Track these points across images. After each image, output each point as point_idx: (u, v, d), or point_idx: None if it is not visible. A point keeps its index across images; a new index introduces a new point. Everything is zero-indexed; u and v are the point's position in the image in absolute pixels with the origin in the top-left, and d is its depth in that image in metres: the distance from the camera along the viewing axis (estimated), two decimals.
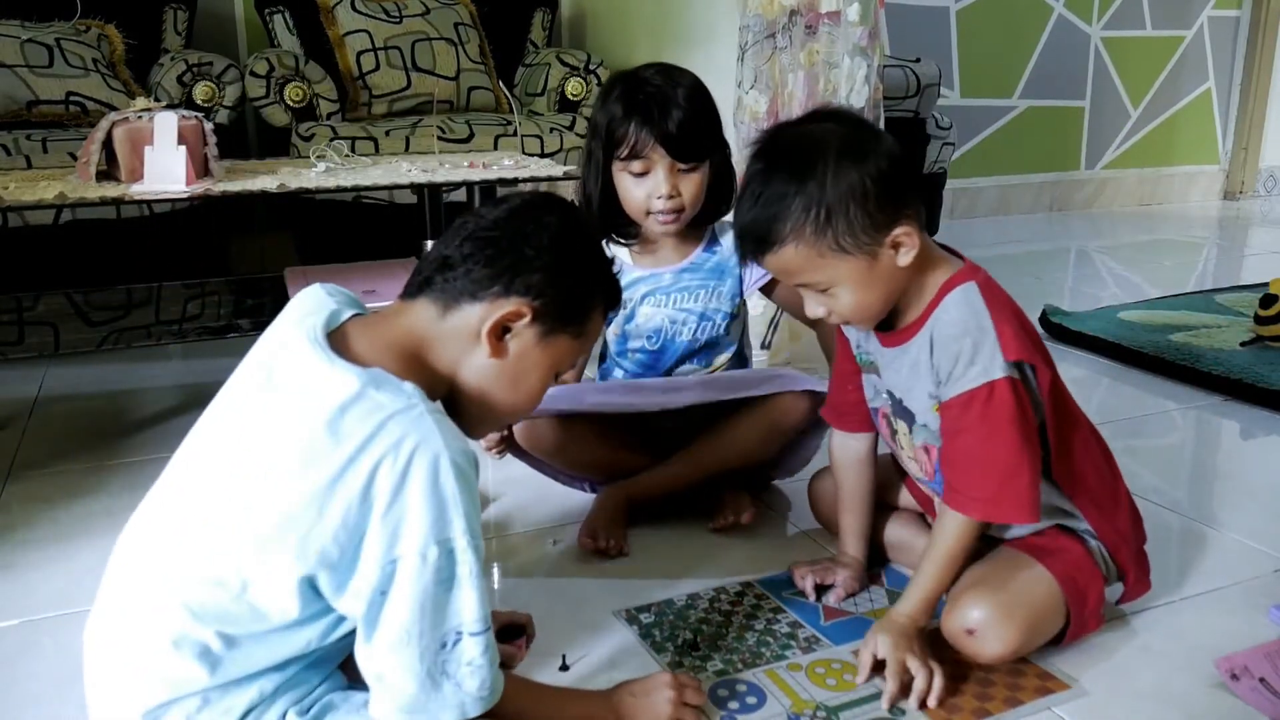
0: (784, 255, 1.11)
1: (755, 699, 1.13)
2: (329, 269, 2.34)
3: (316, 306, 0.95)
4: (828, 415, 1.37)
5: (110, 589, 0.93)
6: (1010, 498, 1.12)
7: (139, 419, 2.05)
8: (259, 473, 0.86)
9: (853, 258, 1.09)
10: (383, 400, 0.84)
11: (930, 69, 3.35)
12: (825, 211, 1.07)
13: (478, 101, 3.23)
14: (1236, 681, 1.14)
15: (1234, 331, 2.54)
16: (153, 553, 0.90)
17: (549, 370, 0.99)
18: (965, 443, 1.13)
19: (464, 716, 0.88)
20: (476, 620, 0.86)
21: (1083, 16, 4.63)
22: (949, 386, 1.13)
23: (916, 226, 1.11)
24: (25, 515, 1.59)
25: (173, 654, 0.85)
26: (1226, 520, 1.59)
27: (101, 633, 0.91)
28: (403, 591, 0.83)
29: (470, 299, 0.94)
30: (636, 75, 1.47)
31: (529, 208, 0.99)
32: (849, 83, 2.07)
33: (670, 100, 1.42)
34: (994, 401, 1.10)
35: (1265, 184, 5.33)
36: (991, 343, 1.10)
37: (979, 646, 1.14)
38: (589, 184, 1.50)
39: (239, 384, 0.94)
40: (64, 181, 1.88)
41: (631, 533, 1.49)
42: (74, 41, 2.84)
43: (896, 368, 1.20)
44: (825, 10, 2.05)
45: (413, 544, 0.83)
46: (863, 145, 1.10)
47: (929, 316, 1.15)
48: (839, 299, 1.13)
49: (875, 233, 1.09)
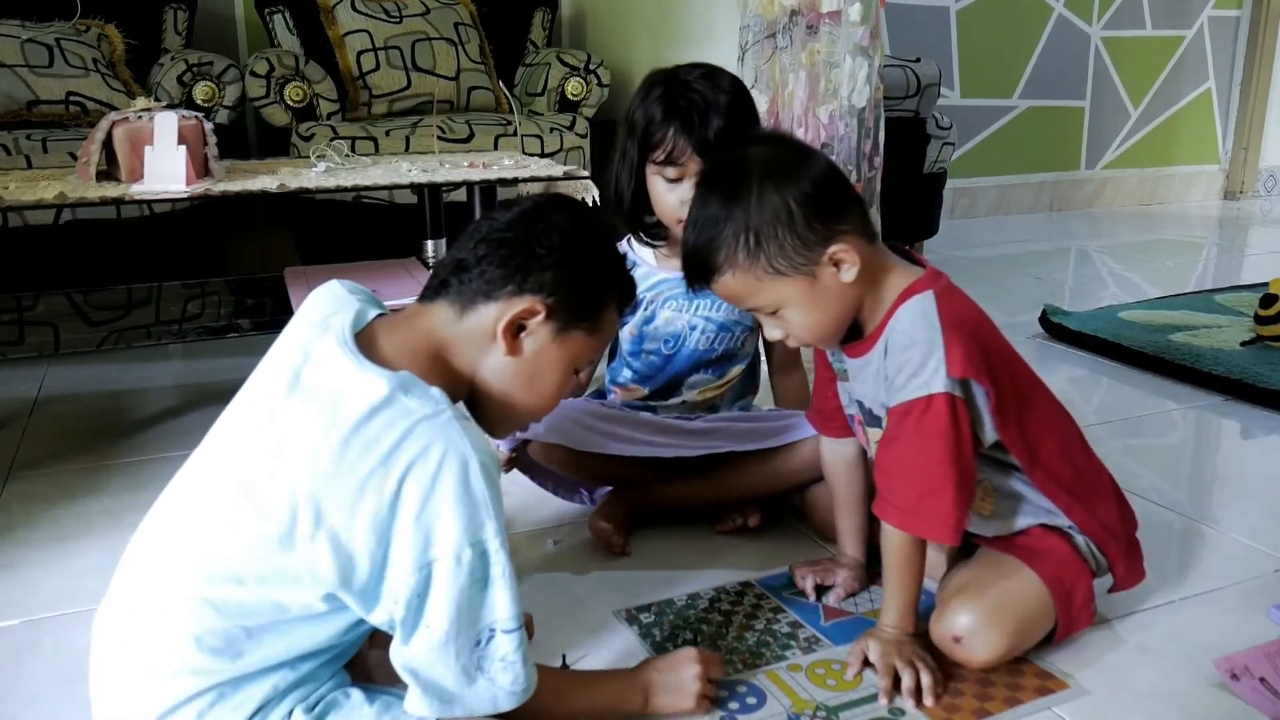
0: (725, 282, 1.12)
1: (755, 699, 1.13)
2: (329, 269, 2.34)
3: (338, 305, 0.97)
4: (813, 420, 1.37)
5: (124, 586, 0.93)
6: (930, 512, 1.11)
7: (139, 419, 2.05)
8: (287, 475, 0.86)
9: (790, 279, 1.09)
10: (411, 405, 0.86)
11: (930, 69, 3.35)
12: (754, 236, 1.08)
13: (478, 101, 3.23)
14: (1236, 681, 1.14)
15: (1234, 331, 2.54)
16: (172, 551, 0.90)
17: (566, 367, 1.01)
18: (896, 450, 1.13)
19: (496, 710, 0.91)
20: (510, 618, 0.89)
21: (1083, 16, 4.63)
22: (893, 394, 1.12)
23: (855, 243, 1.10)
24: (25, 515, 1.59)
25: (191, 647, 0.86)
26: (1226, 520, 1.59)
27: (113, 630, 0.92)
28: (440, 593, 0.86)
29: (485, 299, 0.96)
30: (679, 77, 1.42)
31: (540, 209, 1.01)
32: (850, 83, 2.07)
33: (711, 107, 1.37)
34: (929, 415, 1.09)
35: (1265, 184, 5.33)
36: (938, 357, 1.09)
37: (967, 654, 1.14)
38: (620, 180, 1.46)
39: (264, 383, 0.95)
40: (64, 181, 1.88)
41: (632, 533, 1.49)
42: (74, 41, 2.84)
43: (863, 378, 1.20)
44: (826, 10, 2.04)
45: (447, 547, 0.85)
46: (787, 167, 1.10)
47: (885, 324, 1.14)
48: (790, 321, 1.13)
49: (808, 252, 1.09)
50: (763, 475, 1.50)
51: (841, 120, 2.07)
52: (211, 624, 0.86)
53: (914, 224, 3.47)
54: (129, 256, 2.60)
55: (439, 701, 0.89)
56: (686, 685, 1.08)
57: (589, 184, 2.09)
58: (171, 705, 0.87)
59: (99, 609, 0.95)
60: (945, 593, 1.20)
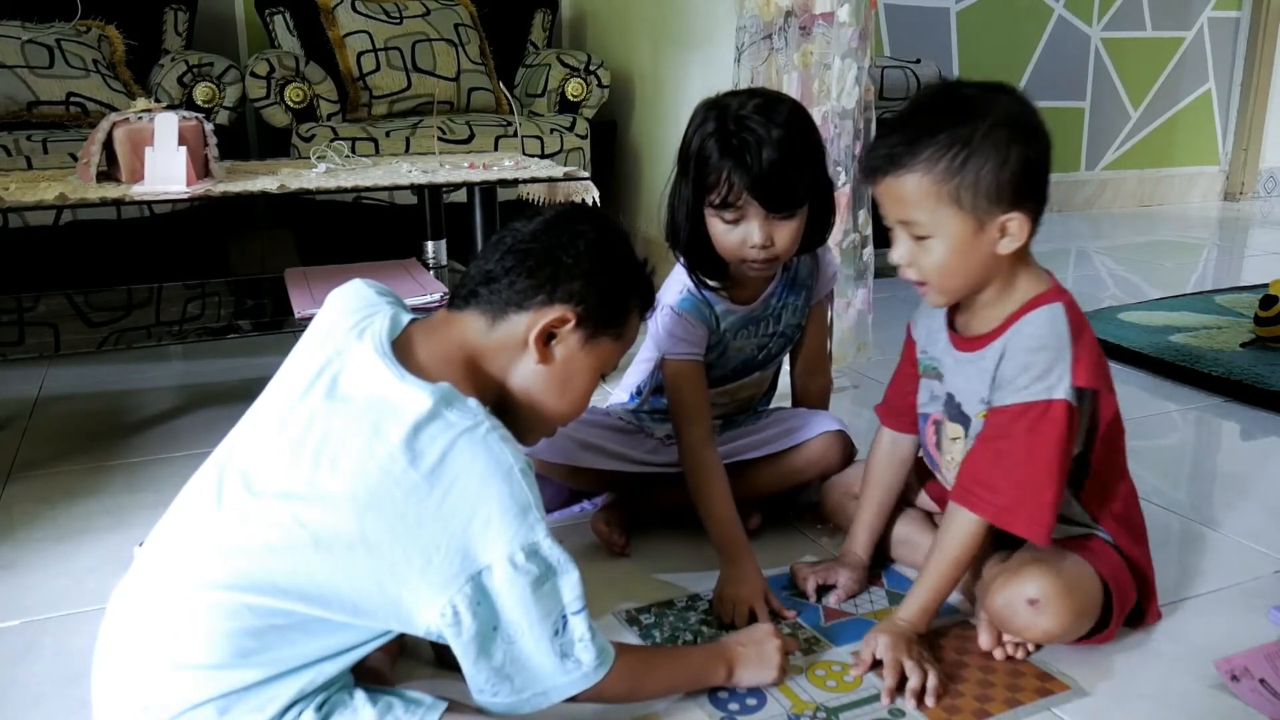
0: (906, 181, 1.10)
1: (755, 700, 1.13)
2: (329, 270, 2.34)
3: (370, 308, 0.99)
4: (882, 414, 1.38)
5: (143, 585, 0.92)
6: (1029, 510, 1.12)
7: (139, 420, 2.05)
8: (327, 486, 0.87)
9: (962, 214, 1.10)
10: (453, 419, 0.89)
11: (930, 70, 3.35)
12: (965, 157, 1.08)
13: (478, 102, 3.23)
14: (1236, 683, 1.14)
15: (1234, 332, 2.54)
16: (200, 553, 0.90)
17: (595, 372, 1.05)
18: (1002, 448, 1.14)
19: (589, 685, 0.95)
20: (575, 599, 0.92)
21: (1083, 17, 4.63)
22: (1005, 392, 1.13)
23: (1028, 227, 1.12)
24: (25, 516, 1.59)
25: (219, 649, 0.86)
26: (1226, 521, 1.59)
27: (128, 628, 0.91)
28: (506, 598, 0.88)
29: (517, 309, 0.99)
30: (732, 110, 1.32)
31: (563, 219, 1.04)
32: (839, 84, 2.07)
33: (765, 143, 1.28)
34: (1046, 420, 1.11)
35: (1265, 185, 5.33)
36: (1065, 364, 1.11)
37: (1033, 619, 1.14)
38: (678, 220, 1.38)
39: (297, 385, 0.95)
40: (64, 182, 1.88)
41: (632, 533, 1.49)
42: (74, 42, 2.84)
43: (966, 373, 1.20)
44: (819, 11, 2.05)
45: (500, 553, 0.87)
46: (1026, 127, 1.10)
47: (1010, 326, 1.15)
48: (930, 252, 1.13)
49: (993, 203, 1.09)
50: (765, 477, 1.51)
51: (833, 121, 2.08)
52: (243, 626, 0.86)
53: None
54: (129, 257, 2.60)
55: (538, 696, 0.93)
56: (770, 657, 1.13)
57: (589, 185, 2.09)
58: (192, 704, 0.86)
59: (110, 606, 0.94)
60: (1015, 562, 1.19)
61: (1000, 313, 1.17)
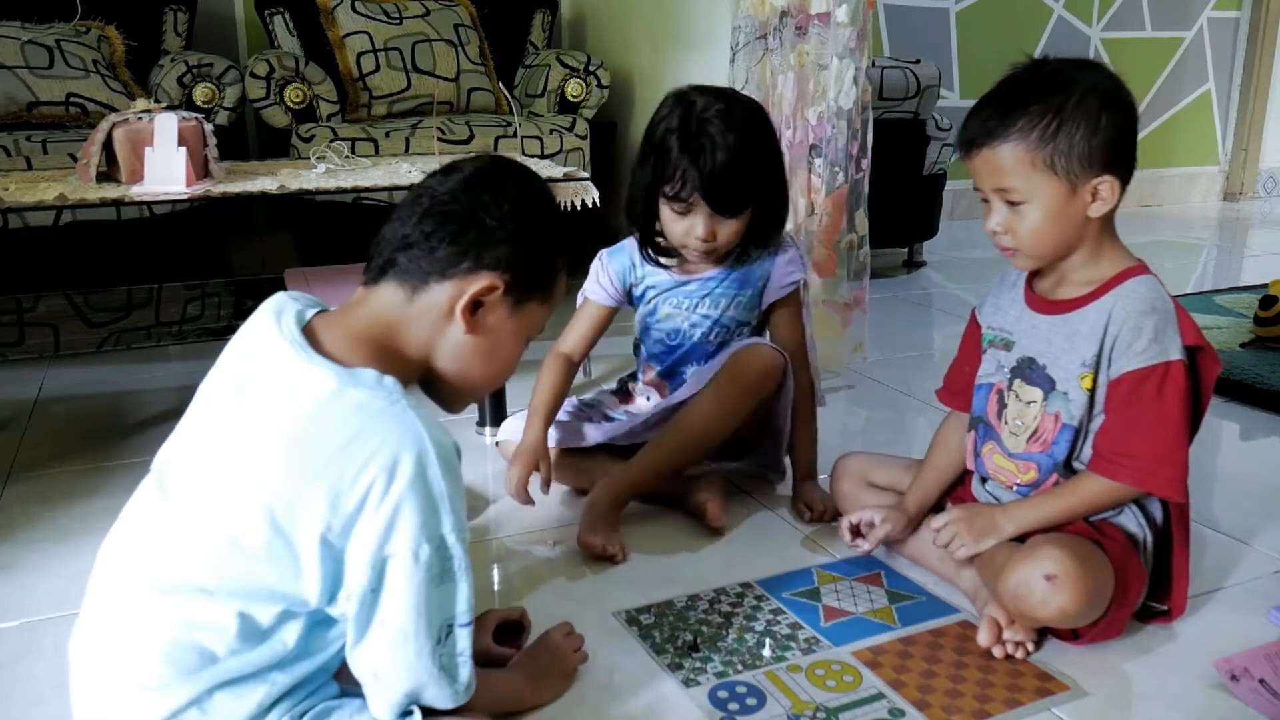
0: (1001, 151, 1.17)
1: (755, 700, 1.13)
2: (329, 270, 2.34)
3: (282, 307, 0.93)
4: (943, 397, 1.44)
5: (97, 601, 0.91)
6: (1166, 471, 1.17)
7: (139, 420, 2.05)
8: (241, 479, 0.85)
9: (1055, 180, 1.16)
10: (362, 398, 0.84)
11: (930, 70, 3.35)
12: (1057, 125, 1.14)
13: (478, 103, 3.23)
14: (1236, 683, 1.14)
15: (1234, 333, 2.55)
16: (139, 564, 0.88)
17: (523, 337, 1.01)
18: (1133, 414, 1.18)
19: (455, 704, 0.90)
20: (466, 612, 0.88)
21: (1082, 17, 4.63)
22: (1123, 359, 1.18)
23: (1118, 191, 1.18)
24: (25, 515, 1.59)
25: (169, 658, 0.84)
26: (1226, 521, 1.59)
27: (88, 644, 0.90)
28: (396, 590, 0.84)
29: (439, 277, 0.93)
30: (696, 109, 1.45)
31: (483, 176, 0.97)
32: (837, 84, 2.07)
33: (719, 148, 1.41)
34: (1169, 381, 1.16)
35: (1265, 185, 5.33)
36: (1174, 327, 1.17)
37: (1049, 595, 1.13)
38: (635, 198, 1.53)
39: (214, 389, 0.93)
40: (64, 183, 1.88)
41: (631, 534, 1.50)
42: (74, 43, 2.84)
43: (1047, 336, 1.25)
44: (815, 11, 2.05)
45: (404, 543, 0.83)
46: (1115, 97, 1.17)
47: (1107, 292, 1.20)
48: (1025, 218, 1.18)
49: (1085, 168, 1.15)
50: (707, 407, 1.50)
51: (829, 122, 2.08)
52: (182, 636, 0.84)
53: (914, 225, 3.46)
54: (129, 258, 2.60)
55: (405, 698, 0.88)
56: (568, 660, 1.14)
57: (589, 185, 2.09)
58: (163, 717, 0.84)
59: (75, 625, 0.92)
60: (1035, 540, 1.20)
61: (1091, 277, 1.23)
